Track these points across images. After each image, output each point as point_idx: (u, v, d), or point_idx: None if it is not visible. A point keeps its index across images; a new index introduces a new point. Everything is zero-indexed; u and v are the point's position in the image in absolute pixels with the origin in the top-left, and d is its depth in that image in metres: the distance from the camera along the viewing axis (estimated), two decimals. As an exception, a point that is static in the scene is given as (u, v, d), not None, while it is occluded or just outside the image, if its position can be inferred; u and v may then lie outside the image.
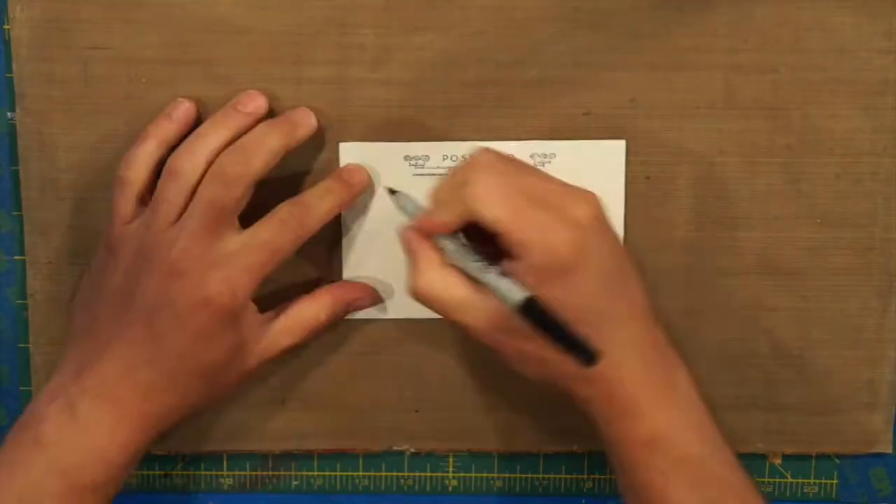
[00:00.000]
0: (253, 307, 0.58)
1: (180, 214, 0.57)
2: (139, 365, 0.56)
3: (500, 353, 0.57)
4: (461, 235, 0.55)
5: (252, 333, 0.58)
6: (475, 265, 0.54)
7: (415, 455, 0.66)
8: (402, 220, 0.61)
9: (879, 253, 0.63)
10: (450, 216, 0.54)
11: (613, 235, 0.57)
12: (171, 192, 0.57)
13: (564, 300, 0.53)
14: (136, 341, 0.56)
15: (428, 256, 0.55)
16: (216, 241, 0.56)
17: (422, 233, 0.56)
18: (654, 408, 0.56)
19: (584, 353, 0.50)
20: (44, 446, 0.55)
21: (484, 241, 0.55)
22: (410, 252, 0.56)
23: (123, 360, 0.56)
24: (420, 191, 0.62)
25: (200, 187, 0.57)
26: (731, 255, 0.63)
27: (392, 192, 0.60)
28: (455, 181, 0.54)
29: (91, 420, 0.56)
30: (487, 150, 0.55)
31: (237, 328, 0.57)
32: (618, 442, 0.57)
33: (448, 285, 0.55)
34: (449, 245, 0.55)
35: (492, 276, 0.53)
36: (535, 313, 0.52)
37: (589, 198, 0.55)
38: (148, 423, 0.57)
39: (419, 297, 0.56)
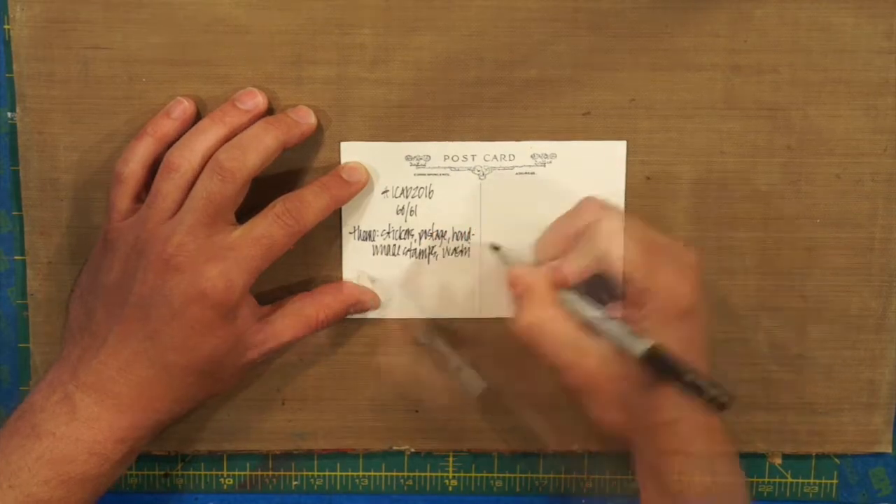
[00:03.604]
0: (252, 300, 0.58)
1: (177, 209, 0.57)
2: (136, 360, 0.56)
3: (590, 398, 0.56)
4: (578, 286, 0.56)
5: (250, 327, 0.58)
6: (594, 314, 0.55)
7: (415, 455, 0.66)
8: (400, 220, 0.62)
9: (879, 253, 0.63)
10: (582, 263, 0.56)
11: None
12: (168, 187, 0.57)
13: (683, 345, 0.54)
14: (133, 336, 0.56)
15: (542, 293, 0.56)
16: (212, 236, 0.56)
17: (545, 279, 0.56)
18: (712, 464, 0.56)
19: (718, 397, 0.50)
20: (39, 436, 0.55)
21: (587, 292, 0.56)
22: (524, 288, 0.56)
23: (120, 355, 0.56)
24: (421, 189, 0.62)
25: (197, 182, 0.57)
26: (731, 255, 0.63)
27: (495, 248, 0.61)
28: (577, 227, 0.56)
29: (89, 415, 0.56)
30: (594, 199, 0.58)
31: (234, 322, 0.57)
32: (670, 484, 0.56)
33: (560, 324, 0.55)
34: (566, 294, 0.56)
35: (613, 325, 0.54)
36: (660, 361, 0.52)
37: (690, 248, 0.57)
38: (145, 417, 0.57)
39: (527, 331, 0.55)
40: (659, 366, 0.52)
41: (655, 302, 0.54)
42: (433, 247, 0.62)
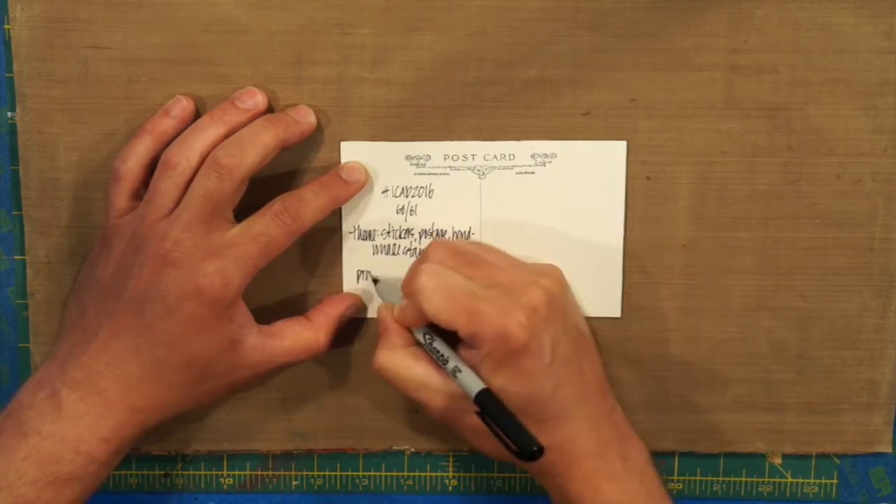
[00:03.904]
0: (248, 313, 0.58)
1: (174, 207, 0.57)
2: (125, 355, 0.56)
3: (454, 430, 0.59)
4: (427, 327, 0.58)
5: (246, 337, 0.58)
6: (436, 355, 0.57)
7: (415, 455, 0.66)
8: (400, 219, 0.62)
9: (879, 253, 0.63)
10: (413, 315, 0.57)
11: (569, 313, 0.59)
12: (166, 185, 0.57)
13: (519, 384, 0.55)
14: (124, 331, 0.56)
15: (396, 336, 0.58)
16: (210, 233, 0.56)
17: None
18: (608, 479, 0.57)
19: (527, 449, 0.53)
20: (26, 435, 0.55)
21: None
22: (382, 328, 0.59)
23: (110, 350, 0.56)
24: (421, 189, 0.62)
25: (195, 179, 0.57)
26: (731, 255, 0.63)
27: (375, 280, 0.62)
28: (410, 282, 0.57)
29: (74, 412, 0.56)
30: (438, 245, 0.58)
31: (228, 322, 0.57)
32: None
33: (409, 365, 0.58)
34: (416, 332, 0.58)
35: (451, 366, 0.56)
36: (487, 404, 0.54)
37: (542, 280, 0.58)
38: (131, 416, 0.57)
39: (380, 371, 0.58)
40: (483, 410, 0.54)
41: (486, 345, 0.55)
42: (433, 247, 0.62)
